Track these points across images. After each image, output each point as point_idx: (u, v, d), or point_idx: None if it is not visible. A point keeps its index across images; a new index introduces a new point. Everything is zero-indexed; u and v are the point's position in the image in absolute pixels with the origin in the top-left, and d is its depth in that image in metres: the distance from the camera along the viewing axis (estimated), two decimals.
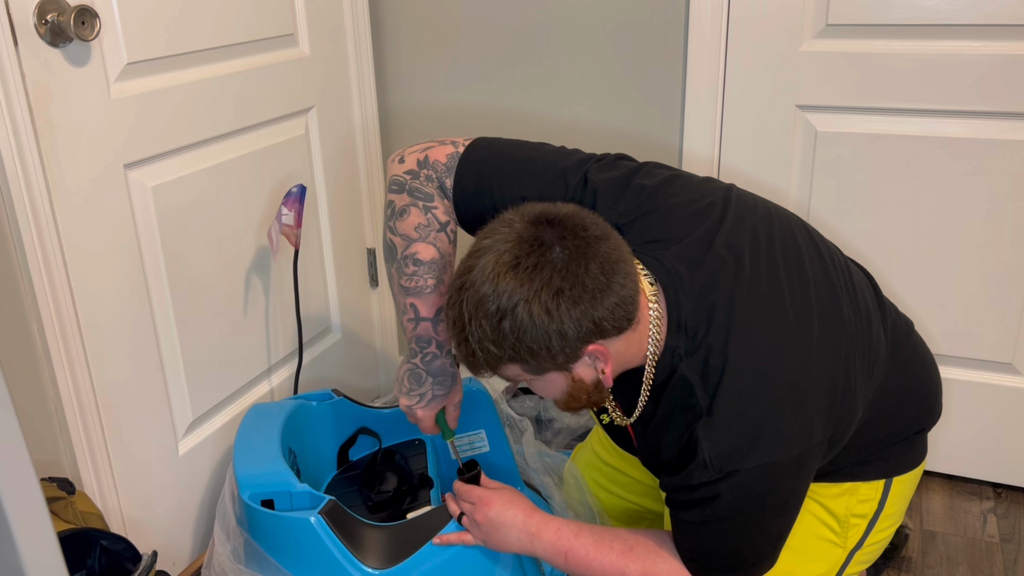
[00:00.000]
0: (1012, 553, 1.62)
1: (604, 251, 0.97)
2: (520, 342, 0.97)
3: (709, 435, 1.00)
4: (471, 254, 1.00)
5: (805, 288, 1.06)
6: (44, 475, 1.29)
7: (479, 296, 0.97)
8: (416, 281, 1.19)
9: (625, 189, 1.11)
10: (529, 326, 0.95)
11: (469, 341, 0.99)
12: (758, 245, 1.07)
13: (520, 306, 0.95)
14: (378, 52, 1.92)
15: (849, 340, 1.07)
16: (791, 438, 1.00)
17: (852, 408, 1.07)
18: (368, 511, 1.41)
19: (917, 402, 1.22)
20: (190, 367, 1.50)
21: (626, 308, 0.98)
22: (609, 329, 0.98)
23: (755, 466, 0.99)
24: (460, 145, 1.20)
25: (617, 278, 0.97)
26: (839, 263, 1.14)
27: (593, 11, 1.74)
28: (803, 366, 1.02)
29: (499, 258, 0.96)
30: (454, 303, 1.00)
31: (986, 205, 1.60)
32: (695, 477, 1.01)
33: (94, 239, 1.29)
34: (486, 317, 0.97)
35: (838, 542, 1.21)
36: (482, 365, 1.02)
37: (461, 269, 1.01)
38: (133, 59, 1.31)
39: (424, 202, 1.18)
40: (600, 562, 1.11)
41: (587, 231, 0.97)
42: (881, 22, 1.56)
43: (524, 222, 0.99)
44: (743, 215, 1.10)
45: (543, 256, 0.95)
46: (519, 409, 1.92)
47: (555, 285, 0.94)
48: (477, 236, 1.03)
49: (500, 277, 0.95)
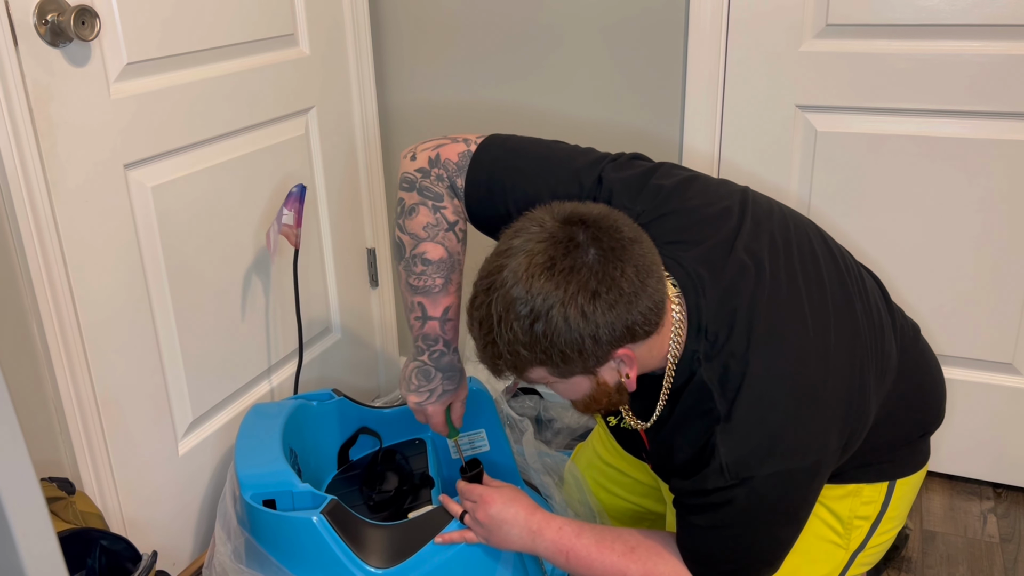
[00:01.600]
0: (1012, 553, 1.62)
1: (638, 253, 0.95)
2: (553, 346, 0.94)
3: (727, 440, 0.99)
4: (499, 253, 0.97)
5: (822, 295, 1.06)
6: (44, 475, 1.29)
7: (510, 298, 0.94)
8: (424, 280, 1.18)
9: (642, 189, 1.10)
10: (564, 329, 0.93)
11: (497, 343, 0.96)
12: (776, 251, 1.06)
13: (555, 309, 0.92)
14: (378, 52, 1.92)
15: (863, 348, 1.07)
16: (808, 446, 1.00)
17: (865, 415, 1.07)
18: (369, 511, 1.41)
19: (923, 407, 1.22)
20: (190, 367, 1.50)
21: (657, 312, 0.97)
22: (640, 333, 0.97)
23: (771, 473, 0.99)
24: (472, 143, 1.18)
25: (651, 281, 0.95)
26: (852, 269, 1.14)
27: (593, 9, 1.74)
28: (821, 374, 1.02)
29: (532, 258, 0.93)
30: (481, 304, 0.97)
31: (986, 205, 1.60)
32: (710, 482, 1.00)
33: (94, 239, 1.29)
34: (518, 320, 0.94)
35: (841, 544, 1.21)
36: (508, 368, 1.00)
37: (489, 269, 0.97)
38: (133, 59, 1.31)
39: (433, 201, 1.17)
40: (602, 562, 1.11)
41: (620, 232, 0.95)
42: (881, 22, 1.56)
43: (556, 221, 0.96)
44: (760, 220, 1.09)
45: (579, 258, 0.93)
46: (519, 409, 1.92)
47: (591, 288, 0.92)
48: (504, 235, 0.99)
49: (534, 279, 0.92)
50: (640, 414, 1.16)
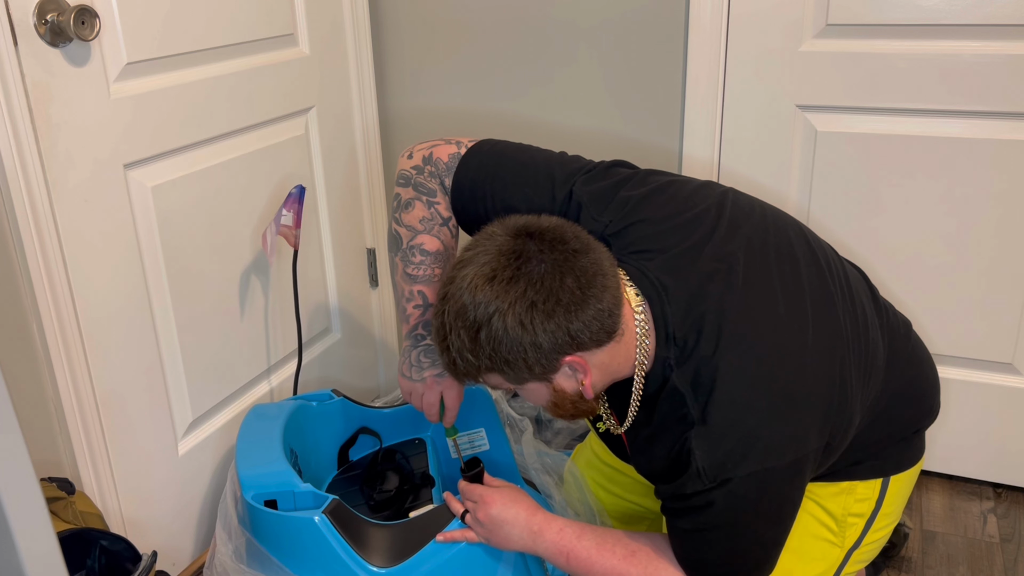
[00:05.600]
0: (1012, 553, 1.62)
1: (582, 265, 0.98)
2: (496, 353, 0.99)
3: (702, 444, 1.00)
4: (455, 265, 1.03)
5: (800, 296, 1.06)
6: (44, 475, 1.29)
7: (459, 306, 1.00)
8: (424, 270, 1.23)
9: (611, 200, 1.12)
10: (504, 337, 0.98)
11: (450, 350, 1.03)
12: (752, 252, 1.07)
13: (495, 317, 0.97)
14: (378, 52, 1.92)
15: (845, 348, 1.07)
16: (784, 446, 1.00)
17: (848, 415, 1.07)
18: (370, 510, 1.41)
19: (916, 403, 1.22)
20: (190, 367, 1.50)
21: (604, 321, 0.99)
22: (587, 341, 1.00)
23: (748, 474, 0.99)
24: (464, 146, 1.22)
25: (594, 291, 0.98)
26: (835, 268, 1.14)
27: (593, 11, 1.74)
28: (797, 374, 1.02)
29: (479, 270, 0.99)
30: (438, 312, 1.03)
31: (986, 205, 1.60)
32: (689, 486, 1.01)
33: (94, 239, 1.28)
34: (464, 327, 0.99)
35: (836, 541, 1.21)
36: (463, 374, 1.05)
37: (445, 279, 1.04)
38: (133, 59, 1.30)
39: (428, 197, 1.22)
40: (602, 565, 1.11)
41: (566, 244, 0.99)
42: (881, 22, 1.56)
43: (506, 235, 1.01)
44: (738, 223, 1.10)
45: (519, 269, 0.97)
46: (519, 409, 1.92)
47: (529, 298, 0.97)
48: (463, 248, 1.05)
49: (478, 289, 0.98)
50: (622, 420, 1.17)
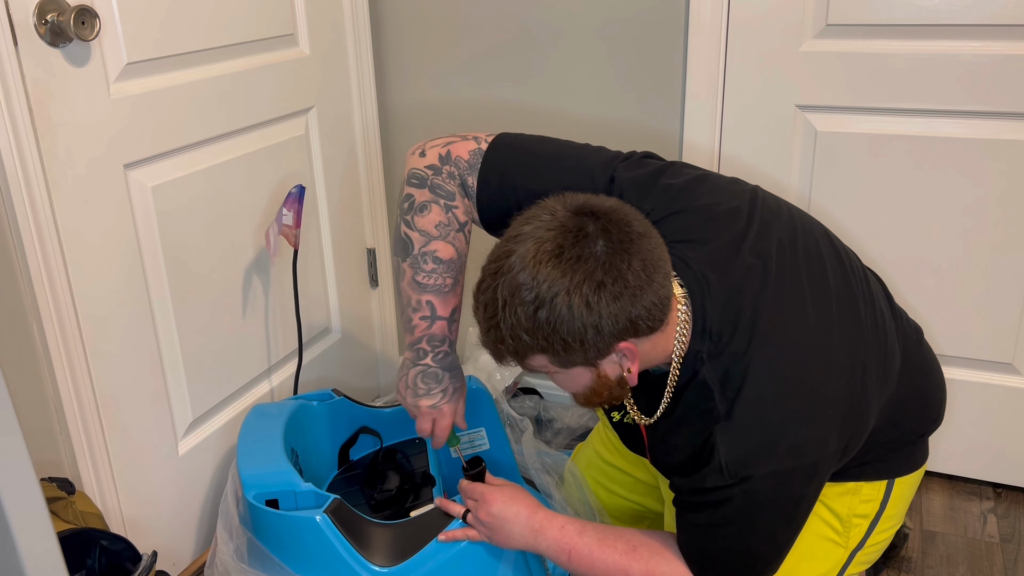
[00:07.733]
0: (1012, 553, 1.62)
1: (646, 248, 0.95)
2: (555, 333, 0.94)
3: (726, 440, 0.99)
4: (509, 239, 0.98)
5: (826, 298, 1.06)
6: (44, 475, 1.29)
7: (516, 283, 0.94)
8: (435, 279, 1.17)
9: (652, 188, 1.10)
10: (567, 317, 0.93)
11: (501, 328, 0.97)
12: (783, 252, 1.07)
13: (560, 296, 0.93)
14: (378, 51, 1.92)
15: (866, 351, 1.07)
16: (807, 446, 1.00)
17: (866, 417, 1.07)
18: (371, 510, 1.41)
19: (924, 410, 1.22)
20: (190, 367, 1.50)
21: (662, 309, 0.97)
22: (643, 328, 0.97)
23: (769, 472, 0.99)
24: (483, 141, 1.18)
25: (657, 277, 0.96)
26: (858, 272, 1.14)
27: (593, 8, 1.74)
28: (822, 375, 1.02)
29: (540, 246, 0.94)
30: (487, 287, 0.97)
31: (985, 205, 1.60)
32: (709, 481, 1.01)
33: (94, 239, 1.28)
34: (522, 305, 0.94)
35: (840, 542, 1.21)
36: (510, 353, 1.00)
37: (498, 253, 0.98)
38: (133, 59, 1.30)
39: (446, 200, 1.17)
40: (604, 561, 1.11)
41: (630, 226, 0.96)
42: (881, 22, 1.56)
43: (567, 211, 0.96)
44: (769, 221, 1.09)
45: (587, 248, 0.93)
46: (519, 409, 1.92)
47: (597, 278, 0.92)
48: (515, 222, 1.00)
49: (541, 265, 0.93)
50: (644, 410, 1.16)
